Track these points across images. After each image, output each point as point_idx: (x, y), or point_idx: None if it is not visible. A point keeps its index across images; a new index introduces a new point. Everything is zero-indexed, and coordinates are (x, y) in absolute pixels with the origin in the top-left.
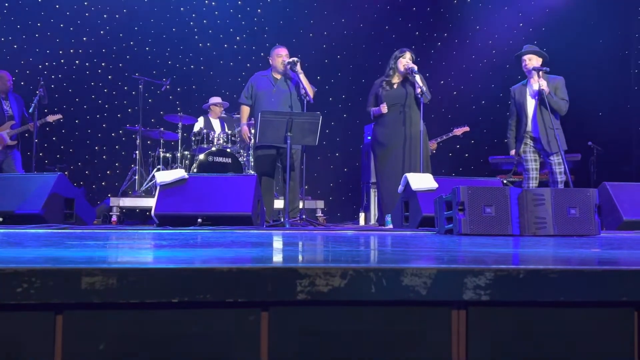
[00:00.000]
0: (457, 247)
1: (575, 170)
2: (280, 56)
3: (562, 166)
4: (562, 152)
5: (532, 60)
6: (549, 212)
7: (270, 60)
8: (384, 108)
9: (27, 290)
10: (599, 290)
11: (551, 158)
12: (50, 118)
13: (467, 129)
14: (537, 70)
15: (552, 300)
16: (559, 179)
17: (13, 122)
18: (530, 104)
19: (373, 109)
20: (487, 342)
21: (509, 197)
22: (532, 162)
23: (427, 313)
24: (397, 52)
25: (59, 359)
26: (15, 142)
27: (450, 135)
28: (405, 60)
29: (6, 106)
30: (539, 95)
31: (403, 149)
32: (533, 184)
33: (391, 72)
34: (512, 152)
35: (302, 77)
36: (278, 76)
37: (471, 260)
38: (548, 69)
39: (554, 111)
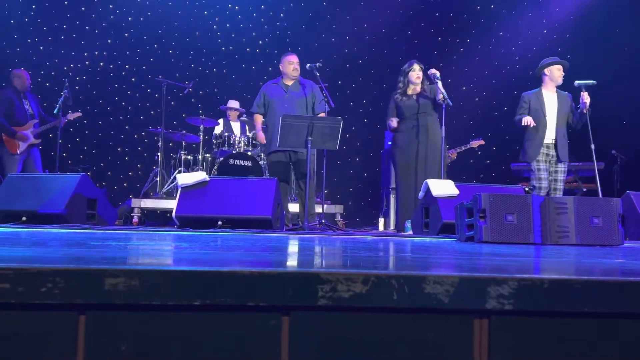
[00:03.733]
0: (478, 255)
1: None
2: (292, 63)
3: (565, 175)
4: (595, 164)
5: (562, 71)
6: (571, 221)
7: (281, 67)
8: (394, 122)
9: (52, 290)
10: (623, 302)
11: (559, 166)
12: (71, 116)
13: (482, 142)
14: (585, 86)
15: (576, 311)
16: (560, 187)
17: (35, 120)
18: (551, 112)
19: (389, 122)
20: (510, 352)
21: (531, 205)
22: (545, 172)
23: (449, 321)
24: (405, 67)
25: (81, 358)
26: (39, 141)
27: (468, 146)
28: (416, 73)
29: (26, 105)
30: (561, 105)
31: (424, 156)
32: (544, 194)
33: (401, 85)
34: (526, 119)
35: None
36: (289, 82)
37: (494, 268)
38: (595, 82)
39: (576, 125)
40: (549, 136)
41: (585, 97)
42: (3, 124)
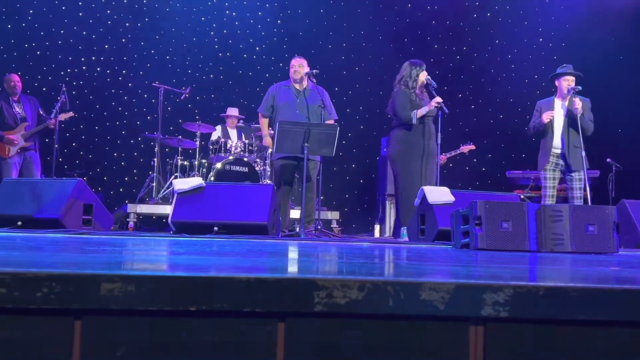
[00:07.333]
0: (474, 262)
1: (593, 187)
2: (292, 67)
3: (582, 183)
4: (585, 171)
5: (571, 82)
6: (566, 229)
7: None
8: (420, 111)
9: (48, 295)
10: (619, 310)
11: (573, 174)
12: (62, 117)
13: (473, 147)
14: (573, 90)
15: (571, 319)
16: (578, 195)
17: (27, 123)
18: (558, 121)
19: (415, 111)
20: (505, 359)
21: (526, 212)
22: (552, 180)
23: (444, 328)
24: (418, 62)
25: None
26: (31, 144)
27: (458, 151)
28: (424, 75)
29: (18, 108)
30: (569, 114)
31: (421, 162)
32: (550, 201)
33: (414, 84)
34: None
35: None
36: (299, 87)
37: (489, 275)
38: (580, 87)
39: (581, 131)
40: (556, 145)
41: (577, 103)
42: None
